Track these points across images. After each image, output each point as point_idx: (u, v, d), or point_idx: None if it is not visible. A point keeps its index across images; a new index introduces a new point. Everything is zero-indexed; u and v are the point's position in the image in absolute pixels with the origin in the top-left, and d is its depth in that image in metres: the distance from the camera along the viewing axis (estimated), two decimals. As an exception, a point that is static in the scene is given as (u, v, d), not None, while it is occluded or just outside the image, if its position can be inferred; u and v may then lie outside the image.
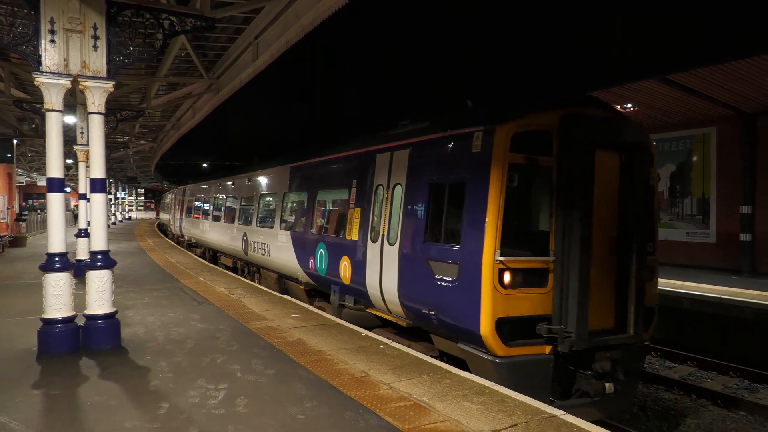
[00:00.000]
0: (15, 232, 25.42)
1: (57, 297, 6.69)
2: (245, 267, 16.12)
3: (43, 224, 30.52)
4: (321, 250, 10.23)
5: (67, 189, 39.95)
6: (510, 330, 6.26)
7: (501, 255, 6.15)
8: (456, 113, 8.09)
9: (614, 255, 6.52)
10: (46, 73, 6.60)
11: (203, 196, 22.52)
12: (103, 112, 7.01)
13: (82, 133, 13.58)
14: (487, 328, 6.16)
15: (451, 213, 6.94)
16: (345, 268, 9.25)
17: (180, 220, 27.83)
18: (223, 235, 18.01)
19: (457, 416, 4.79)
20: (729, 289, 12.89)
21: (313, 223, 11.00)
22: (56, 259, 6.73)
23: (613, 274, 6.53)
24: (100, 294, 6.94)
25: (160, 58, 13.75)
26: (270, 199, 14.25)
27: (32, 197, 52.58)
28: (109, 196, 40.27)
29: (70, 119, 13.93)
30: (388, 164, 8.42)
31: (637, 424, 8.57)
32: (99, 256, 6.99)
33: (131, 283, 12.34)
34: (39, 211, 37.22)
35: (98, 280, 6.95)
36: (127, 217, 58.53)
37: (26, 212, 35.81)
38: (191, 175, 42.76)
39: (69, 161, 26.05)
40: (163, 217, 41.02)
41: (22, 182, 45.32)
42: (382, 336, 7.79)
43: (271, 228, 13.18)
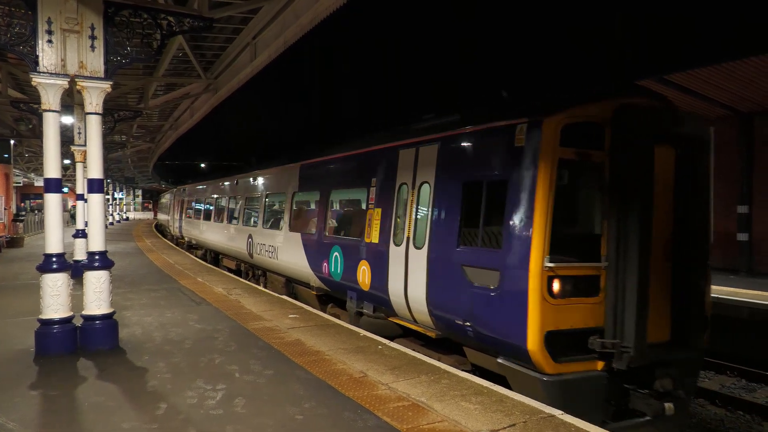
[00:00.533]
0: (12, 233, 25.37)
1: (54, 297, 6.68)
2: (250, 270, 15.53)
3: (41, 225, 30.48)
4: (336, 254, 9.58)
5: (65, 189, 39.93)
6: (559, 344, 5.65)
7: (550, 261, 5.55)
8: (492, 105, 7.39)
9: (668, 260, 5.95)
10: (44, 73, 6.59)
11: (205, 196, 21.66)
12: (101, 112, 7.00)
13: (80, 134, 13.58)
14: (535, 343, 5.55)
15: (489, 214, 6.31)
16: (364, 273, 8.61)
17: (180, 221, 26.98)
18: (226, 237, 17.30)
19: (455, 416, 4.78)
20: (727, 288, 12.92)
21: (327, 225, 10.31)
22: (54, 259, 6.72)
23: (667, 281, 5.94)
24: (97, 294, 6.92)
25: (158, 58, 13.73)
26: (277, 199, 13.54)
27: (29, 198, 52.50)
28: (107, 197, 40.28)
29: (68, 119, 13.91)
30: (413, 161, 7.74)
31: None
32: (97, 257, 6.98)
33: (129, 284, 12.31)
34: (36, 212, 37.15)
35: (96, 281, 6.94)
36: (124, 217, 58.45)
37: (23, 213, 35.72)
38: (189, 175, 42.63)
39: (66, 162, 26.06)
40: (161, 217, 40.49)
41: (20, 183, 45.31)
42: (408, 347, 7.22)
43: (279, 229, 12.47)
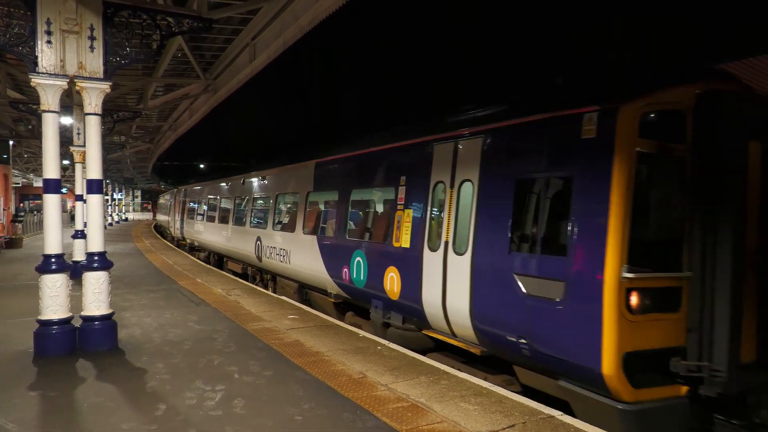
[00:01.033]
0: (11, 234, 25.34)
1: (53, 298, 6.68)
2: (257, 274, 14.71)
3: (40, 225, 30.43)
4: (358, 259, 8.78)
5: (64, 190, 39.91)
6: (638, 367, 4.88)
7: (629, 271, 4.79)
8: (547, 92, 6.63)
9: (753, 270, 5.16)
10: (43, 74, 6.59)
11: (209, 196, 20.62)
12: (100, 113, 7.00)
13: (79, 134, 13.58)
14: (611, 366, 4.80)
15: (550, 216, 5.60)
16: (392, 281, 7.81)
17: (181, 222, 25.99)
18: (232, 239, 16.41)
19: (454, 417, 4.78)
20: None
21: (347, 227, 9.54)
22: (53, 260, 6.72)
23: (753, 293, 5.16)
24: (96, 295, 6.92)
25: (157, 59, 13.74)
26: (290, 199, 12.73)
27: (28, 198, 52.46)
28: (106, 197, 40.28)
29: (67, 120, 13.90)
30: (452, 156, 6.95)
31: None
32: (96, 258, 6.98)
33: (128, 285, 12.31)
34: (35, 213, 37.12)
35: (95, 282, 6.93)
36: (123, 218, 58.42)
37: (22, 213, 35.69)
38: (189, 175, 42.47)
39: (66, 162, 26.06)
40: (161, 218, 40.01)
41: (19, 183, 45.27)
42: (446, 365, 6.56)
43: (292, 232, 11.58)
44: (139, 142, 29.41)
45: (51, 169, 6.67)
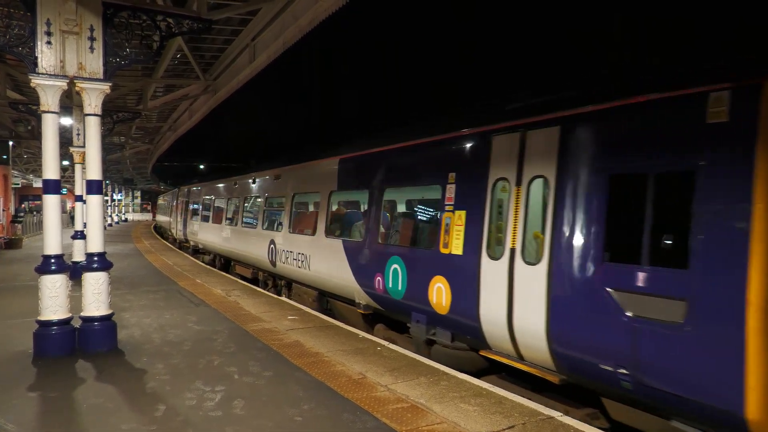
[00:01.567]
0: (11, 234, 25.33)
1: (53, 299, 6.68)
2: (270, 279, 13.76)
3: (39, 226, 30.44)
4: (395, 266, 7.85)
5: (64, 191, 39.90)
6: None
7: None
8: (653, 69, 5.72)
9: None
10: (43, 74, 6.59)
11: (215, 196, 19.42)
12: (100, 113, 7.00)
13: (79, 135, 13.59)
14: (759, 410, 3.87)
15: (659, 219, 4.66)
16: (438, 292, 6.92)
17: (184, 224, 24.77)
18: (242, 242, 15.36)
19: (454, 418, 4.78)
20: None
21: (380, 230, 8.61)
22: (52, 261, 6.72)
23: None
24: (96, 296, 6.92)
25: (157, 59, 13.75)
26: (309, 199, 11.80)
27: (28, 199, 52.46)
28: (106, 198, 40.25)
29: (67, 121, 13.92)
30: (518, 149, 6.04)
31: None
32: (95, 258, 6.98)
33: (128, 285, 12.30)
34: (35, 213, 37.12)
35: (94, 282, 6.93)
36: (123, 218, 58.42)
37: (22, 214, 35.68)
38: (190, 175, 42.40)
39: (65, 163, 26.07)
40: (161, 219, 39.53)
41: (18, 184, 45.25)
42: (511, 392, 5.71)
43: (312, 235, 10.59)
44: (139, 142, 29.42)
45: (51, 169, 6.67)
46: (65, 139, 13.25)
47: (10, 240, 23.30)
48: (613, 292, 4.82)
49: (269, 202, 13.83)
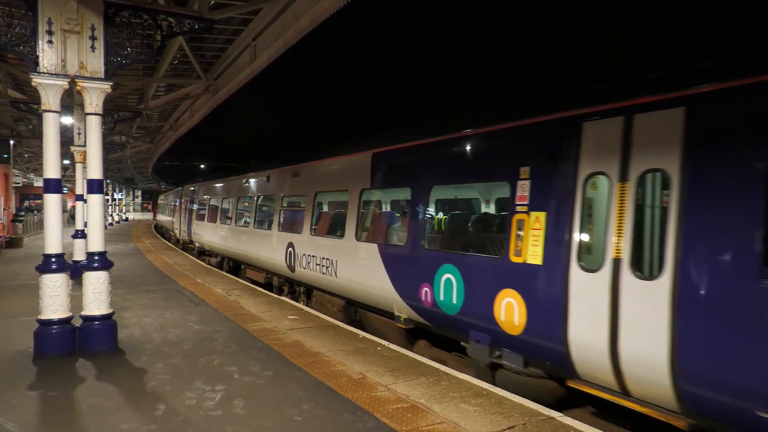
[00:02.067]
0: (11, 233, 25.35)
1: (53, 298, 6.68)
2: (286, 285, 12.72)
3: (40, 225, 30.45)
4: (448, 276, 6.83)
5: (64, 190, 39.91)
6: None
7: None
8: None
9: None
10: (44, 73, 6.59)
11: (224, 195, 18.18)
12: (101, 113, 7.00)
13: (80, 134, 13.60)
14: None
15: None
16: (508, 309, 5.94)
17: (189, 224, 23.55)
18: (255, 245, 14.26)
19: (454, 418, 4.78)
20: None
21: (426, 234, 7.67)
22: (53, 260, 6.72)
23: None
24: (96, 295, 6.92)
25: (158, 59, 13.76)
26: (335, 198, 10.88)
27: (29, 198, 52.51)
28: (107, 197, 40.28)
29: (68, 120, 13.93)
30: (620, 137, 5.00)
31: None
32: (96, 257, 6.98)
33: (128, 285, 12.31)
34: (36, 212, 37.14)
35: (95, 282, 6.93)
36: (124, 218, 58.47)
37: (23, 213, 35.72)
38: (191, 175, 42.36)
39: (66, 162, 26.07)
40: (162, 218, 39.02)
41: (19, 183, 45.31)
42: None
43: (340, 238, 9.59)
44: (140, 142, 29.42)
45: (51, 168, 6.67)
46: (66, 138, 13.25)
47: (11, 239, 23.32)
48: None
49: (287, 202, 12.77)
